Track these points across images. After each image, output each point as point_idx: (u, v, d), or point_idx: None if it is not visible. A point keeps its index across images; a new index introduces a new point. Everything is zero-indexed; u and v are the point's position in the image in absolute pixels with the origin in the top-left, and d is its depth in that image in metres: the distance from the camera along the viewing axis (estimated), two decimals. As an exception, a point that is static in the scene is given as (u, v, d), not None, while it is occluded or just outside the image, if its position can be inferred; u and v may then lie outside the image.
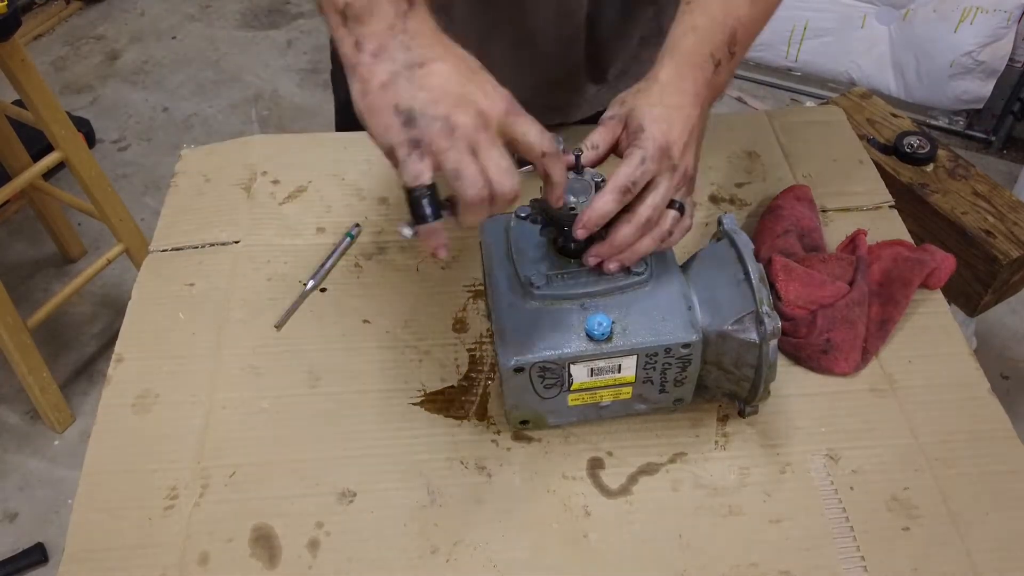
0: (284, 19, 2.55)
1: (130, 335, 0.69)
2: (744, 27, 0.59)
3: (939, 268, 0.69)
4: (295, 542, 0.57)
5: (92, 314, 1.75)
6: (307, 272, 0.73)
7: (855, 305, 0.65)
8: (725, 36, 0.58)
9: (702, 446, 0.62)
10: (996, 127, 2.07)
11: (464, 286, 0.72)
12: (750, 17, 0.59)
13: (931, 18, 1.92)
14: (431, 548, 0.57)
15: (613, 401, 0.60)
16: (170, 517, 0.58)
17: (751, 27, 0.60)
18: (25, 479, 1.50)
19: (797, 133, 0.86)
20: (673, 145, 0.55)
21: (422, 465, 0.61)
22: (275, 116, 2.23)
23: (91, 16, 2.56)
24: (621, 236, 0.55)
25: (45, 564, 1.38)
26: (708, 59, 0.57)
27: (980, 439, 0.61)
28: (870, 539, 0.56)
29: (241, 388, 0.65)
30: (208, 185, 0.81)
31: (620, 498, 0.59)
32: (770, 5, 0.61)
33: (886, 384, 0.65)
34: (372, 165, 0.83)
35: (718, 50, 0.58)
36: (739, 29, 0.58)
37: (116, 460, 0.62)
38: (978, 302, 1.07)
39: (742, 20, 0.59)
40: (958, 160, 1.11)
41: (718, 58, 0.58)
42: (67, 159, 1.44)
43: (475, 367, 0.67)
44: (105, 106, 2.25)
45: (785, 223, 0.72)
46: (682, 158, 0.55)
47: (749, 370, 0.58)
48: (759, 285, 0.56)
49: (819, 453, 0.61)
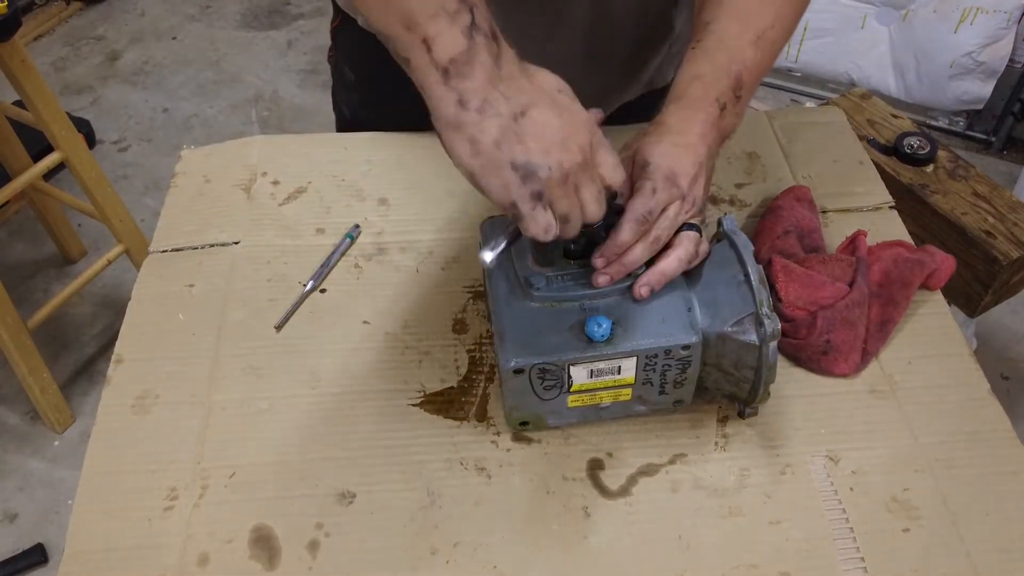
0: (284, 20, 2.55)
1: (130, 336, 0.69)
2: (749, 71, 0.59)
3: (939, 269, 0.69)
4: (295, 543, 0.57)
5: (92, 315, 1.75)
6: (307, 273, 0.73)
7: (855, 306, 0.65)
8: (730, 81, 0.59)
9: (702, 447, 0.62)
10: (996, 128, 2.07)
11: (464, 287, 0.72)
12: (755, 61, 0.60)
13: (931, 19, 1.92)
14: (431, 549, 0.57)
15: (613, 402, 0.60)
16: (170, 518, 0.58)
17: (757, 71, 0.60)
18: (25, 479, 1.50)
19: (797, 134, 0.86)
20: (680, 175, 0.56)
21: (422, 466, 0.61)
22: (275, 117, 2.23)
23: (91, 17, 2.56)
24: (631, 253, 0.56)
25: (45, 564, 1.38)
26: (713, 104, 0.58)
27: (980, 440, 0.61)
28: (870, 540, 0.56)
29: (241, 389, 0.65)
30: (208, 186, 0.81)
31: (620, 499, 0.59)
32: (775, 48, 0.61)
33: (886, 385, 0.65)
34: (372, 166, 0.83)
35: (723, 95, 0.58)
36: (744, 74, 0.59)
37: (116, 461, 0.62)
38: (978, 303, 1.07)
39: (747, 65, 0.59)
40: (958, 161, 1.11)
41: (723, 102, 0.58)
42: (67, 160, 1.44)
43: (475, 368, 0.67)
44: (105, 107, 2.25)
45: (785, 224, 0.72)
46: (691, 189, 0.56)
47: (749, 372, 0.58)
48: (759, 287, 0.56)
49: (819, 454, 0.61)
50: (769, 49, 0.60)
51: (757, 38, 0.60)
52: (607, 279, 0.57)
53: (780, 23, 0.60)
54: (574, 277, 0.58)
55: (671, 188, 0.56)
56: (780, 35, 0.61)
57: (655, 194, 0.55)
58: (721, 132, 0.59)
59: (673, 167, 0.56)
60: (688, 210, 0.57)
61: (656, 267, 0.57)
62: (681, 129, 0.58)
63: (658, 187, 0.55)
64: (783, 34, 0.61)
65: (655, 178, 0.56)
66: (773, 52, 0.61)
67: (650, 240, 0.56)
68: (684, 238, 0.57)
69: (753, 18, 0.60)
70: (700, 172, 0.57)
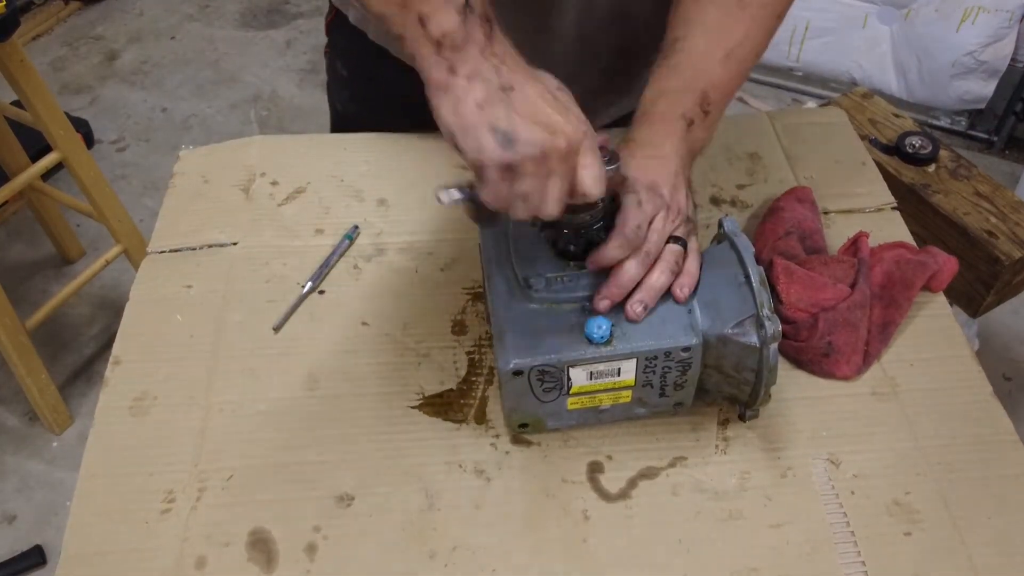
0: (283, 19, 2.55)
1: (127, 337, 0.69)
2: (717, 88, 0.60)
3: (941, 271, 0.69)
4: (292, 546, 0.57)
5: (91, 315, 1.75)
6: (305, 274, 0.73)
7: (857, 308, 0.65)
8: (696, 97, 0.59)
9: (702, 450, 0.61)
10: (998, 127, 2.07)
11: (463, 288, 0.72)
12: (723, 79, 0.60)
13: (933, 18, 1.91)
14: (429, 552, 0.56)
15: (613, 405, 0.60)
16: (167, 521, 0.58)
17: (725, 88, 0.61)
18: (24, 481, 1.50)
19: (799, 134, 0.85)
20: (660, 185, 0.57)
21: (420, 469, 0.60)
22: (274, 116, 2.23)
23: (90, 16, 2.55)
24: (625, 273, 0.56)
25: (44, 566, 1.38)
26: (679, 119, 0.59)
27: (982, 443, 0.61)
28: (871, 544, 0.56)
29: (239, 391, 0.65)
30: (207, 186, 0.81)
31: (619, 502, 0.59)
32: (745, 65, 0.62)
33: (888, 387, 0.65)
34: (371, 167, 0.82)
35: (689, 111, 0.59)
36: (711, 91, 0.60)
37: (113, 463, 0.61)
38: (980, 303, 1.07)
39: (714, 82, 0.60)
40: (960, 160, 1.10)
41: (690, 118, 0.59)
42: (66, 160, 1.44)
43: (474, 370, 0.66)
44: (104, 106, 2.25)
45: (786, 225, 0.72)
46: (673, 197, 0.57)
47: (750, 374, 0.57)
48: (760, 288, 0.56)
49: (820, 457, 0.61)
50: (738, 67, 0.61)
51: (726, 56, 0.60)
52: (607, 304, 0.56)
53: (750, 41, 0.61)
54: (574, 278, 0.58)
55: (655, 198, 0.56)
56: (750, 53, 0.61)
57: (641, 206, 0.56)
58: (690, 146, 0.60)
59: (652, 178, 0.57)
60: (674, 219, 0.57)
61: (645, 283, 0.57)
62: (651, 143, 0.59)
63: (643, 199, 0.56)
64: (753, 52, 0.62)
65: (637, 190, 0.56)
66: (742, 69, 0.62)
67: (642, 255, 0.56)
68: (666, 251, 0.57)
69: (722, 36, 0.60)
70: (678, 182, 0.58)
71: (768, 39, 0.63)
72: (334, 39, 0.88)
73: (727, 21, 0.61)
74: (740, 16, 0.60)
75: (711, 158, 0.82)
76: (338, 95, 0.92)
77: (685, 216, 0.58)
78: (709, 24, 0.61)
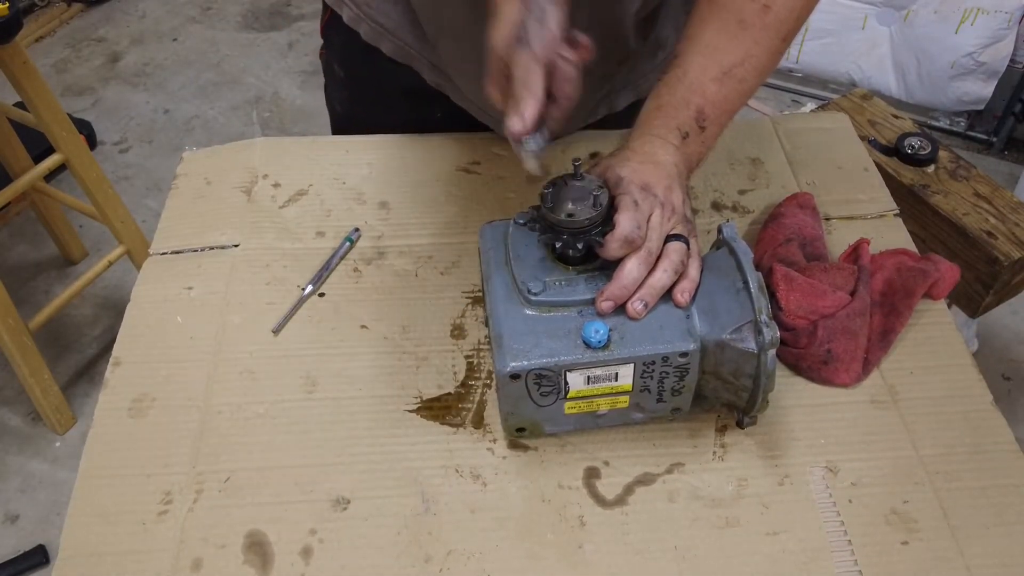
0: (285, 21, 2.55)
1: (128, 339, 0.69)
2: (713, 105, 0.61)
3: (943, 278, 0.69)
4: (288, 549, 0.57)
5: (93, 316, 1.75)
6: (306, 276, 0.73)
7: (856, 315, 0.65)
8: (691, 112, 0.60)
9: (700, 456, 0.61)
10: (997, 128, 2.06)
11: (463, 292, 0.72)
12: (718, 96, 0.61)
13: (932, 19, 1.91)
14: (424, 557, 0.56)
15: (610, 410, 0.60)
16: (164, 522, 0.58)
17: (721, 105, 0.61)
18: (26, 481, 1.50)
19: (801, 140, 0.85)
20: (653, 185, 0.58)
21: (417, 473, 0.60)
22: (276, 118, 2.23)
23: (92, 18, 2.56)
24: (628, 273, 0.56)
25: (46, 566, 1.38)
26: (675, 131, 0.60)
27: (982, 452, 0.61)
28: (868, 553, 0.56)
29: (238, 393, 0.65)
30: (209, 188, 0.81)
31: (616, 508, 0.59)
32: (745, 85, 0.62)
33: (887, 396, 0.64)
34: (373, 169, 0.82)
35: (684, 124, 0.60)
36: (706, 107, 0.61)
37: (112, 464, 0.61)
38: (979, 303, 1.07)
39: (709, 99, 0.61)
40: (959, 161, 1.10)
41: (685, 131, 0.60)
42: (68, 161, 1.44)
43: (472, 374, 0.66)
44: (106, 108, 2.25)
45: (787, 231, 0.72)
46: (667, 196, 0.58)
47: (748, 380, 0.57)
48: (758, 294, 0.55)
49: (818, 465, 0.60)
50: (736, 85, 0.61)
51: (723, 74, 0.61)
52: (610, 304, 0.56)
53: (750, 62, 0.61)
54: (572, 283, 0.58)
55: (649, 197, 0.57)
56: (750, 73, 0.62)
57: (638, 206, 0.56)
58: (686, 159, 0.61)
59: (645, 179, 0.57)
60: (669, 217, 0.58)
61: (647, 281, 0.57)
62: (646, 151, 0.59)
63: (637, 198, 0.56)
64: (754, 72, 0.62)
65: (632, 190, 0.57)
66: (742, 88, 0.62)
67: (644, 253, 0.56)
68: (669, 249, 0.57)
69: (720, 55, 0.61)
70: (673, 184, 0.58)
71: (773, 60, 0.63)
72: (329, 40, 0.88)
73: (726, 41, 0.61)
74: (741, 36, 0.61)
75: (713, 163, 0.82)
76: (336, 96, 0.92)
77: (682, 215, 0.59)
78: (707, 42, 0.62)
